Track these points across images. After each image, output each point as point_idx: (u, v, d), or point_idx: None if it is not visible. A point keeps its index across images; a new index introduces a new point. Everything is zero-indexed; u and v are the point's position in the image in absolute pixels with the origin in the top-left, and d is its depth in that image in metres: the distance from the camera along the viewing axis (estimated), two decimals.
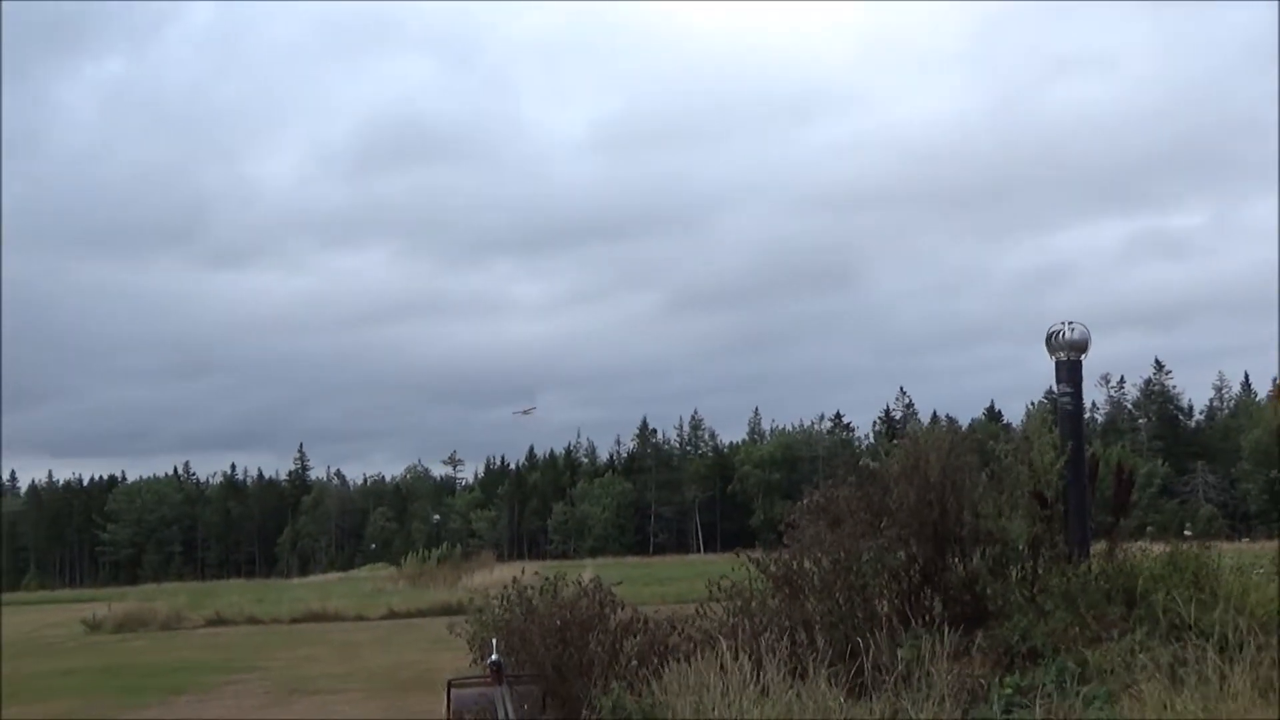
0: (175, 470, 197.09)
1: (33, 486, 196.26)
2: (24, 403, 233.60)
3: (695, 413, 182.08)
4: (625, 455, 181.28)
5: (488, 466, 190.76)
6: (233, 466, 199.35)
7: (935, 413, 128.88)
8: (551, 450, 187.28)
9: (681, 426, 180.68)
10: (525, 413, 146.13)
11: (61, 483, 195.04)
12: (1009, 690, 12.52)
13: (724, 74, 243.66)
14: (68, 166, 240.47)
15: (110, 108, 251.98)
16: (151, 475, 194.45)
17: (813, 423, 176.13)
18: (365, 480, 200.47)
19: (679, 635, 15.97)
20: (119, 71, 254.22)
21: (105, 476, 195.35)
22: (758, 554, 16.67)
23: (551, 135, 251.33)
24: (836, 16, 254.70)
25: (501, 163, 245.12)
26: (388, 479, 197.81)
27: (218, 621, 52.52)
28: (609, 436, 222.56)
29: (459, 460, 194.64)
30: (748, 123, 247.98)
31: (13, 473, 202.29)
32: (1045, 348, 16.17)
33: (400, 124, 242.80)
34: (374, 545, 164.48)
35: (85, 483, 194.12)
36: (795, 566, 15.79)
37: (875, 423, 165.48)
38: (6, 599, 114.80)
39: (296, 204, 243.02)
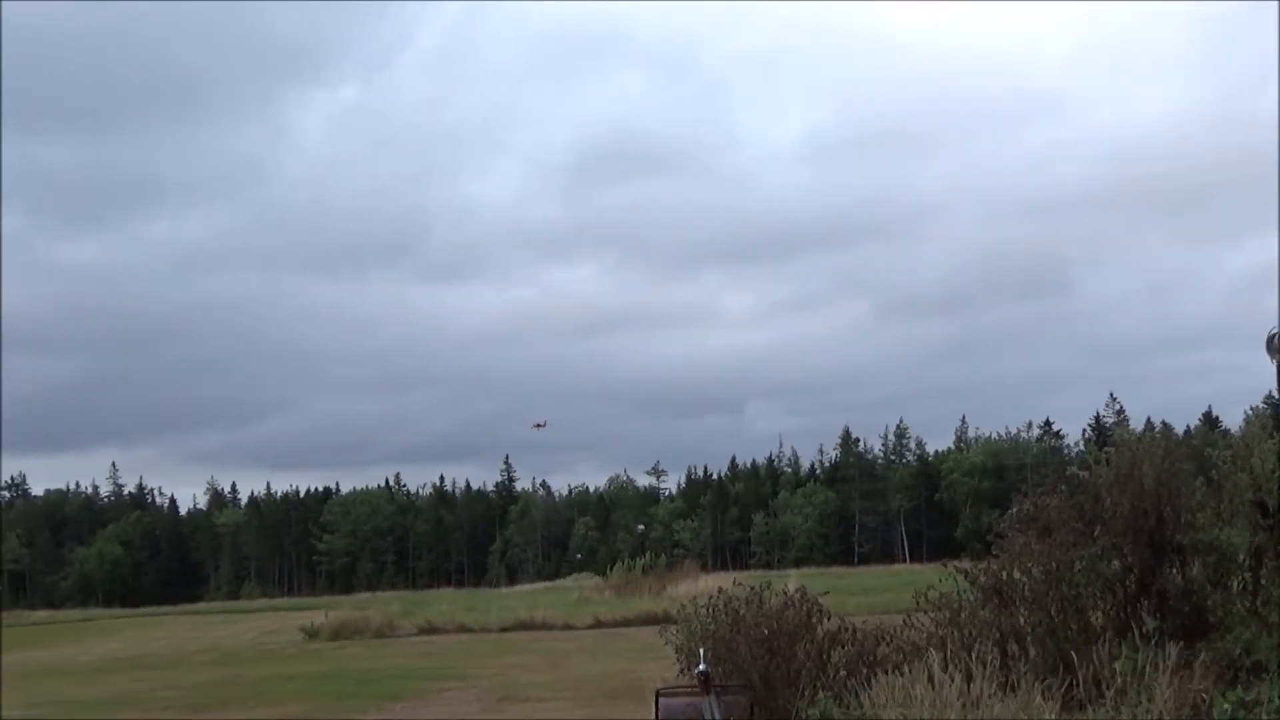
0: (387, 482, 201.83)
1: (252, 498, 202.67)
2: (246, 418, 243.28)
3: (901, 421, 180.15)
4: (828, 464, 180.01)
5: (689, 476, 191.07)
6: (441, 478, 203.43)
7: (1148, 419, 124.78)
8: (753, 460, 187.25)
9: (886, 435, 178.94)
10: (539, 426, 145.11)
11: (279, 494, 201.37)
12: (1231, 704, 12.12)
13: (936, 79, 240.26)
14: (297, 191, 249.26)
15: (340, 133, 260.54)
16: (365, 487, 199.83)
17: (1019, 430, 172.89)
18: (570, 491, 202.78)
19: (887, 646, 15.83)
20: (351, 99, 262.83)
21: (321, 488, 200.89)
22: (965, 564, 16.44)
23: (764, 146, 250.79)
24: (1051, 18, 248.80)
25: (714, 174, 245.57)
26: (591, 489, 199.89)
27: (430, 630, 53.59)
28: (812, 445, 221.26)
29: (662, 470, 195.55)
30: (960, 128, 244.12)
31: (233, 484, 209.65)
32: (1265, 351, 15.65)
33: (615, 139, 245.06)
34: (579, 555, 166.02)
35: (302, 494, 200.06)
36: (1005, 577, 15.52)
37: (1085, 430, 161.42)
38: (229, 607, 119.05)
39: (512, 219, 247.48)
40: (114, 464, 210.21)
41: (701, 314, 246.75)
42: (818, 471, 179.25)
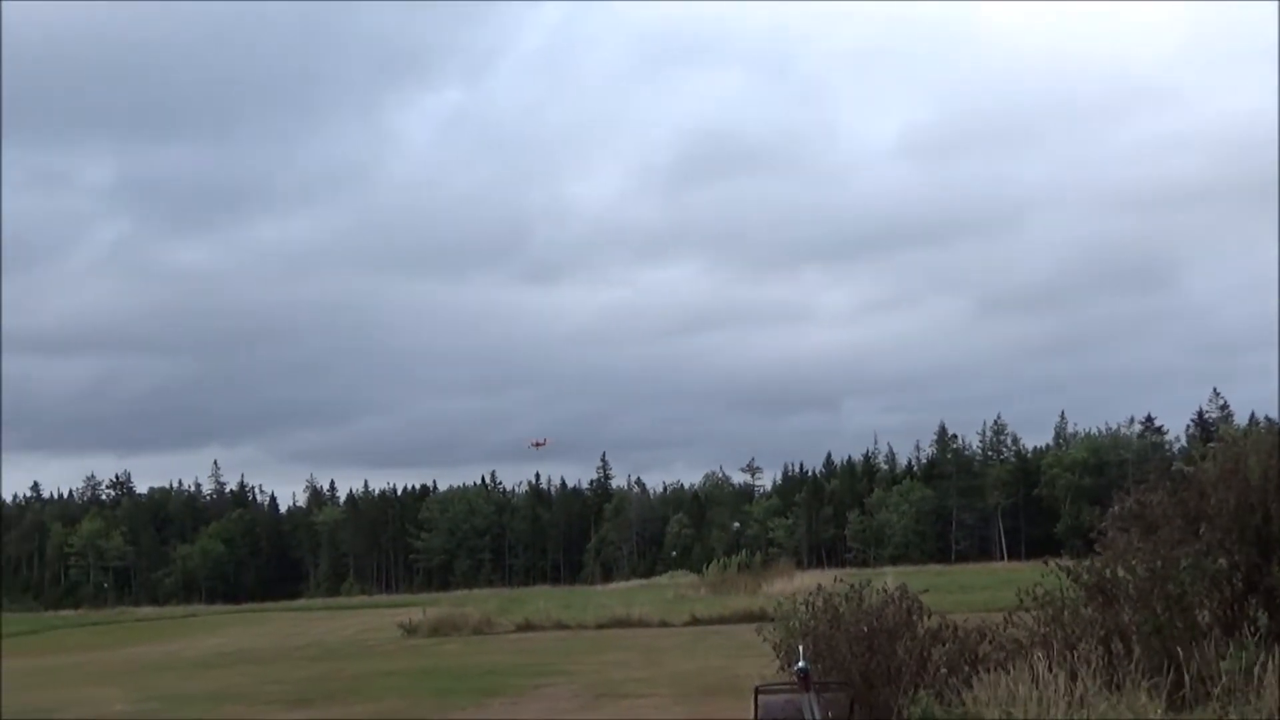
0: (483, 479, 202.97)
1: (350, 496, 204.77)
2: (346, 417, 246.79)
3: (999, 417, 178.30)
4: (924, 461, 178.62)
5: (785, 473, 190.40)
6: (536, 476, 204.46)
7: (1253, 414, 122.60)
8: (849, 457, 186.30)
9: (984, 431, 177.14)
10: (538, 445, 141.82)
11: (377, 492, 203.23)
12: None
13: (1036, 75, 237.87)
14: (400, 194, 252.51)
15: (444, 136, 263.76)
16: (461, 485, 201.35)
17: (1120, 426, 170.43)
18: (665, 488, 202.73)
19: (989, 644, 15.69)
20: (455, 101, 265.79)
21: (418, 486, 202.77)
22: (1066, 562, 16.26)
23: (863, 143, 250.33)
24: (1155, 10, 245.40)
25: (812, 172, 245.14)
26: (686, 486, 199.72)
27: (526, 627, 53.84)
28: (909, 442, 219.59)
29: (757, 468, 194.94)
30: (1061, 123, 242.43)
31: (332, 483, 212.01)
32: None
33: (714, 138, 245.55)
34: (674, 552, 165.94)
35: (399, 492, 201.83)
36: (1108, 574, 15.31)
37: (1188, 426, 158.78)
38: (328, 603, 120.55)
39: (611, 220, 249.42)
40: (215, 462, 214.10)
41: (798, 312, 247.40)
42: (914, 468, 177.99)
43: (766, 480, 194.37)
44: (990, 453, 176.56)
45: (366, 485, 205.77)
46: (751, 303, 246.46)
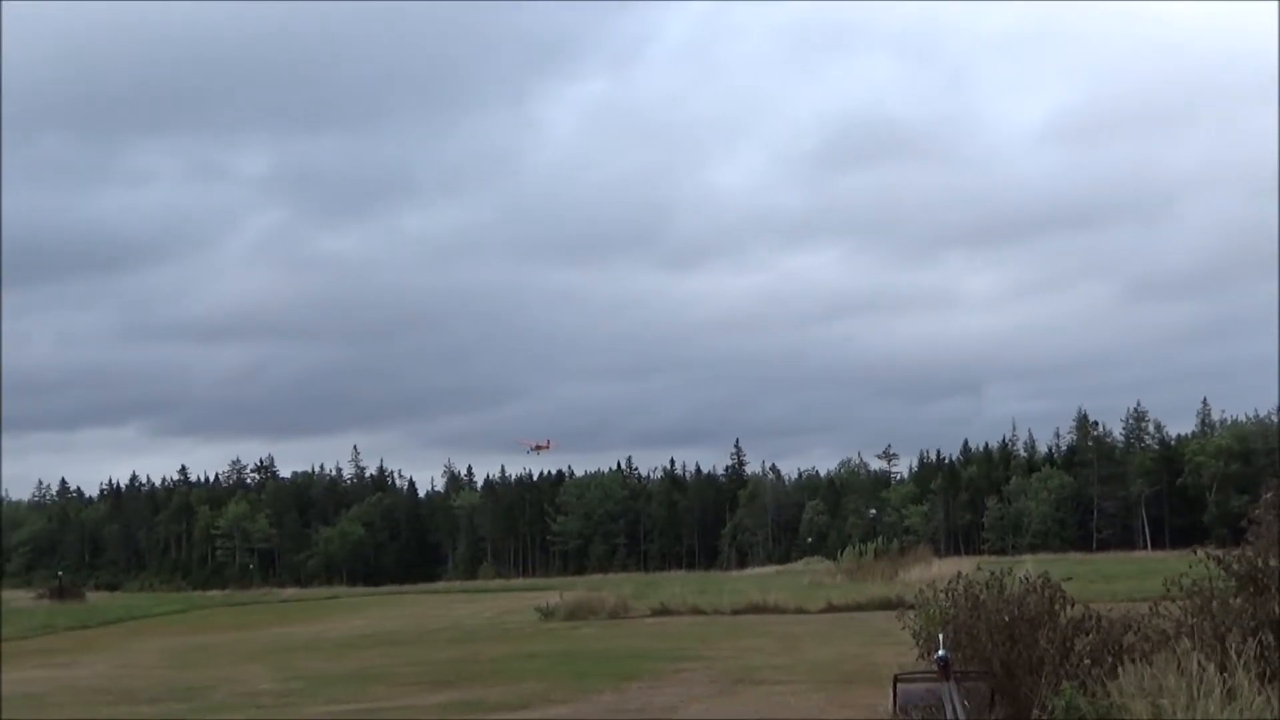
0: (619, 465, 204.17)
1: (488, 480, 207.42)
2: (486, 403, 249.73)
3: (1138, 403, 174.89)
4: (1064, 448, 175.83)
5: (921, 460, 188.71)
6: (671, 462, 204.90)
7: None
8: (986, 444, 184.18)
9: (1126, 419, 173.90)
10: (538, 448, 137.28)
11: (514, 477, 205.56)
12: None
13: (1188, 57, 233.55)
14: (545, 182, 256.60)
15: (589, 125, 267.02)
16: (598, 470, 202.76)
17: (1270, 414, 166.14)
18: (799, 474, 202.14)
19: (1134, 634, 15.41)
20: (600, 92, 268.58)
21: (554, 471, 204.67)
22: (1215, 550, 15.92)
23: (1010, 128, 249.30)
24: None
25: (959, 158, 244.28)
26: (821, 473, 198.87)
27: (663, 611, 53.97)
28: (1047, 430, 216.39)
29: (893, 454, 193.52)
30: (1215, 106, 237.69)
31: (469, 468, 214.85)
32: None
33: (860, 124, 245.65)
34: (809, 539, 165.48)
35: (535, 478, 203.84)
36: (1261, 564, 14.96)
37: None
38: (466, 586, 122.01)
39: (754, 206, 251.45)
40: (355, 447, 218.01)
41: (942, 298, 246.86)
42: (1054, 456, 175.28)
43: (903, 467, 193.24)
44: (1132, 440, 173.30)
45: (503, 470, 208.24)
46: (895, 289, 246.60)
